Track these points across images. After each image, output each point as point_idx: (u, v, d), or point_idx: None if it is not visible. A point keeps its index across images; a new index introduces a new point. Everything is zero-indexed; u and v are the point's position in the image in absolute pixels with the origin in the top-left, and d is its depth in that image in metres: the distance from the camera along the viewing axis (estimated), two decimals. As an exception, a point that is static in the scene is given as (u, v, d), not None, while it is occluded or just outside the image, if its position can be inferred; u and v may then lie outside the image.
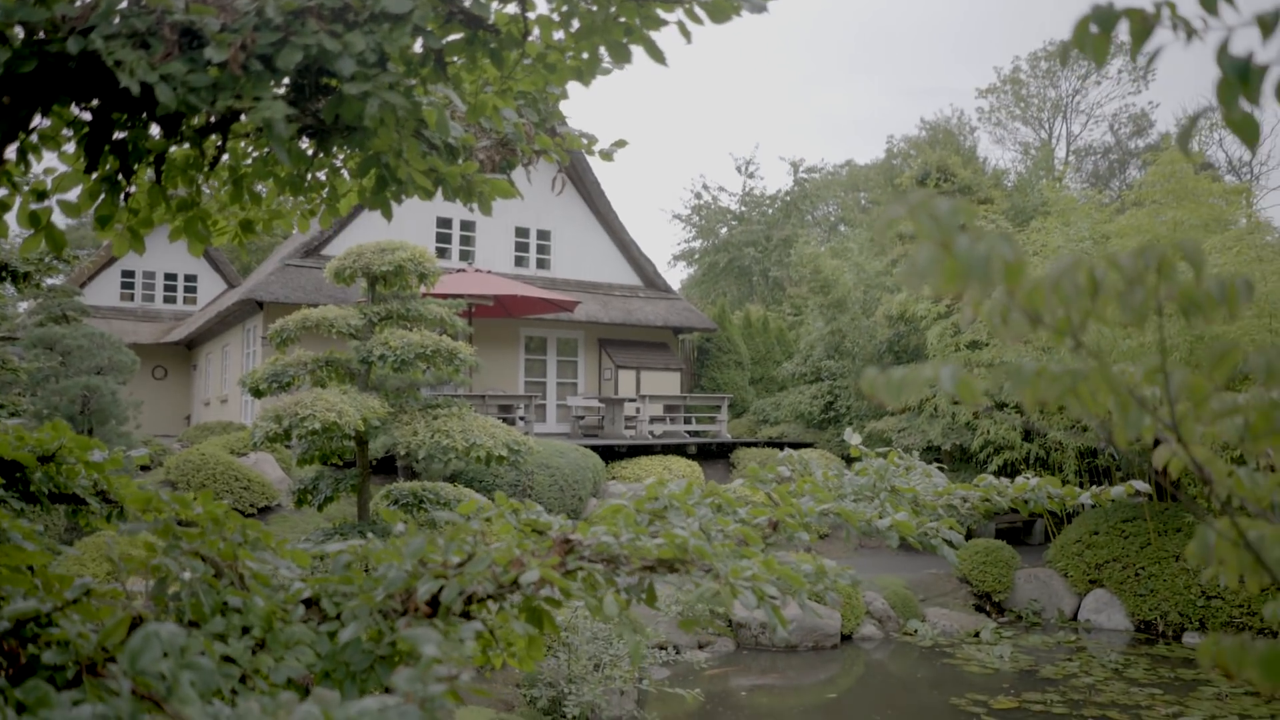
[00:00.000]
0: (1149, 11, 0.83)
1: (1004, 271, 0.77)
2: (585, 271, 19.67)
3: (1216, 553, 0.96)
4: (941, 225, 0.74)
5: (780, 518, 2.48)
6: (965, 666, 9.00)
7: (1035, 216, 14.83)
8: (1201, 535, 0.95)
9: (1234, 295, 0.85)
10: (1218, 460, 1.26)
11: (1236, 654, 0.85)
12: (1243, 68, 0.76)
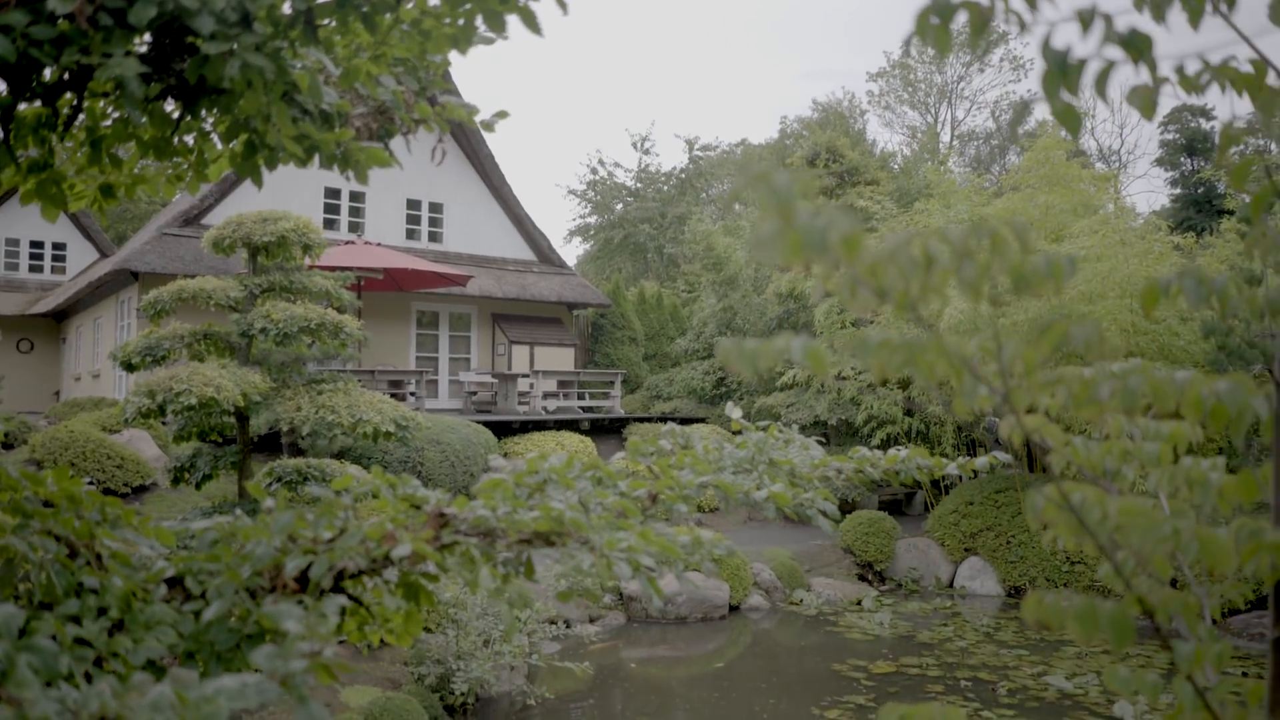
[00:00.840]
0: (984, 5, 0.86)
1: (842, 244, 0.80)
2: (479, 245, 19.42)
3: (1044, 516, 1.01)
4: (780, 198, 0.76)
5: (659, 490, 2.52)
6: (848, 634, 9.31)
7: (919, 198, 15.30)
8: (1030, 500, 1.01)
9: (1059, 271, 0.90)
10: (1055, 429, 1.33)
11: (1054, 611, 0.90)
12: (1061, 60, 0.80)
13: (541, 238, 20.25)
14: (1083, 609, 0.90)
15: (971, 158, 38.77)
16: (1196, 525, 0.89)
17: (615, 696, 7.42)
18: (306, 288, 8.02)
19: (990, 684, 7.48)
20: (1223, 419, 1.06)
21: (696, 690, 7.76)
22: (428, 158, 17.91)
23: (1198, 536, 0.88)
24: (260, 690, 1.30)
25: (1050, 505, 0.98)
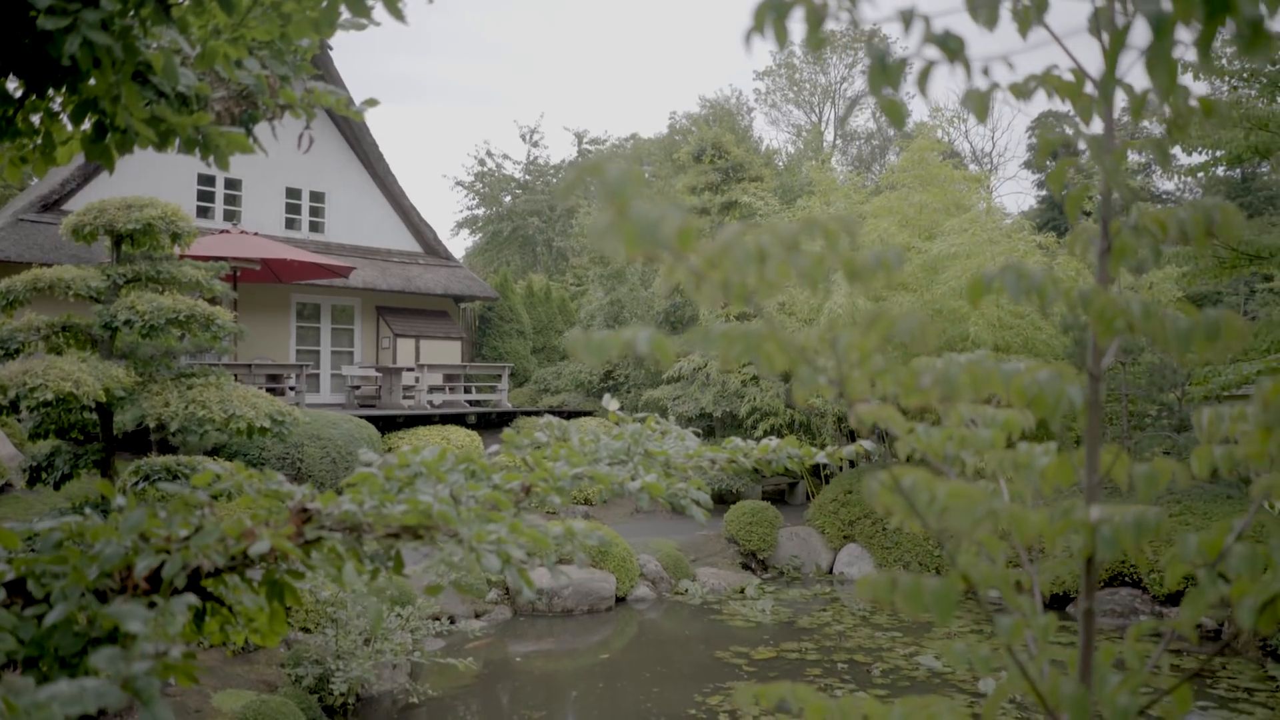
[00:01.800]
0: (818, 2, 0.90)
1: (676, 237, 0.82)
2: (362, 236, 18.96)
3: (880, 499, 1.06)
4: (614, 190, 0.78)
5: (533, 482, 2.52)
6: (731, 621, 9.49)
7: (802, 195, 15.66)
8: (867, 483, 1.06)
9: (887, 265, 0.94)
10: (897, 417, 1.39)
11: (884, 589, 0.95)
12: (882, 58, 0.84)
13: (428, 229, 19.91)
14: (909, 586, 0.95)
15: (854, 157, 39.88)
16: (1011, 505, 0.95)
17: (502, 691, 7.38)
18: (175, 278, 7.68)
19: (865, 665, 7.75)
20: (1044, 406, 1.13)
21: (583, 682, 7.78)
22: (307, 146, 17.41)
23: (1010, 515, 0.94)
24: (99, 694, 1.25)
25: (884, 489, 1.03)
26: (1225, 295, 22.09)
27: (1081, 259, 1.20)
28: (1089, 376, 1.10)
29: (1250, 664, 7.73)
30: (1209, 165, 11.29)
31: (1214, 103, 1.08)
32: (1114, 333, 1.02)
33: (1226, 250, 10.38)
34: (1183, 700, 1.02)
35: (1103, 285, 1.12)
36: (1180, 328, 0.99)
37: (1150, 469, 1.10)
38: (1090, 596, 1.09)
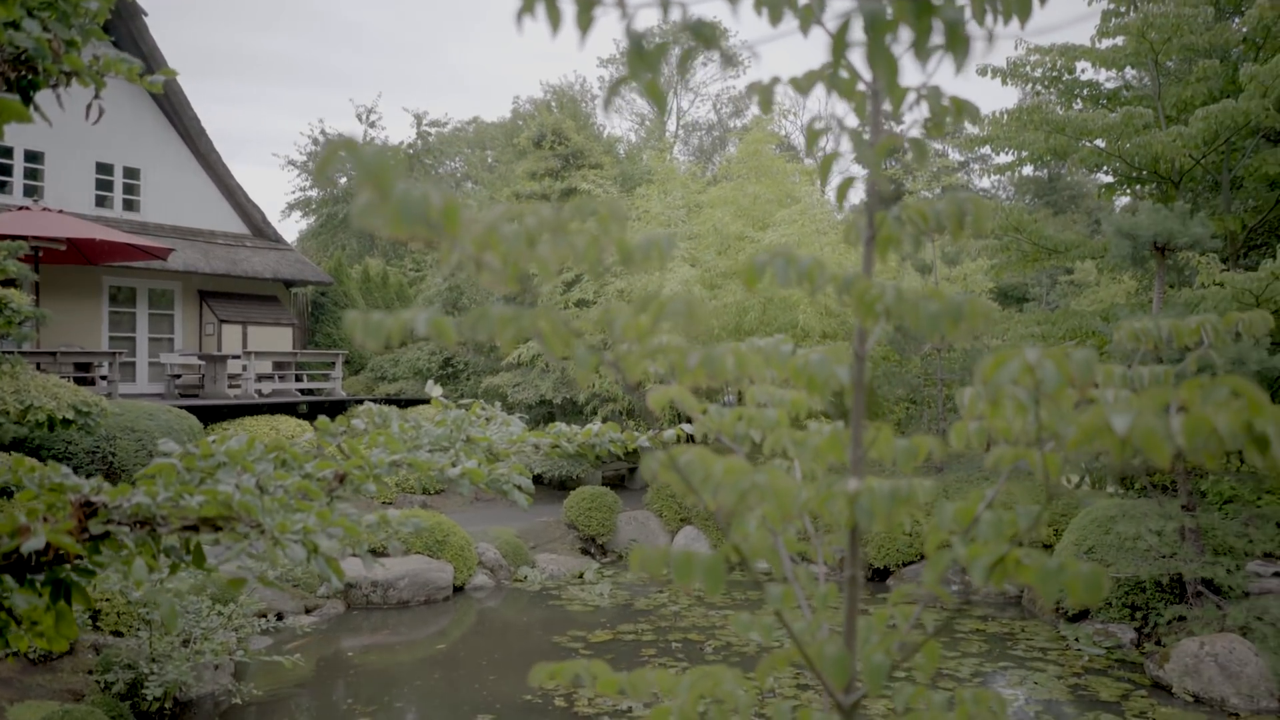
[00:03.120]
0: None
1: (443, 216, 0.82)
2: (183, 216, 17.89)
3: (660, 476, 1.09)
4: (371, 170, 0.77)
5: (348, 470, 2.46)
6: (570, 606, 9.54)
7: (642, 184, 15.84)
8: (646, 461, 1.09)
9: (659, 250, 0.97)
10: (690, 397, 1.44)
11: (656, 561, 0.98)
12: (639, 41, 0.87)
13: (256, 210, 18.99)
14: (681, 558, 0.99)
15: (695, 147, 40.61)
16: (773, 479, 1.00)
17: (335, 687, 7.18)
18: (-38, 257, 7.04)
19: (699, 644, 7.96)
20: (816, 385, 1.20)
21: (420, 673, 7.66)
22: (120, 118, 16.28)
23: (773, 489, 0.99)
24: None
25: (662, 468, 1.06)
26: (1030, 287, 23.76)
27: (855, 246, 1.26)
28: (855, 357, 1.17)
29: (1046, 626, 8.39)
30: (1015, 165, 12.10)
31: (964, 103, 1.16)
32: (875, 316, 1.09)
33: (1029, 245, 11.18)
34: (931, 655, 1.10)
35: (867, 271, 1.19)
36: (930, 311, 1.06)
37: (909, 444, 1.18)
38: (855, 564, 1.16)
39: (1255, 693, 6.05)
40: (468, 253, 0.93)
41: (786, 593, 1.13)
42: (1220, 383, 0.85)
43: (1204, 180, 11.61)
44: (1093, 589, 0.89)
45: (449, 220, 0.82)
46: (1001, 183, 47.06)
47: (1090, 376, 0.83)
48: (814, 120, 1.18)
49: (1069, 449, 0.85)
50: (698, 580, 0.99)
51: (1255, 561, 8.88)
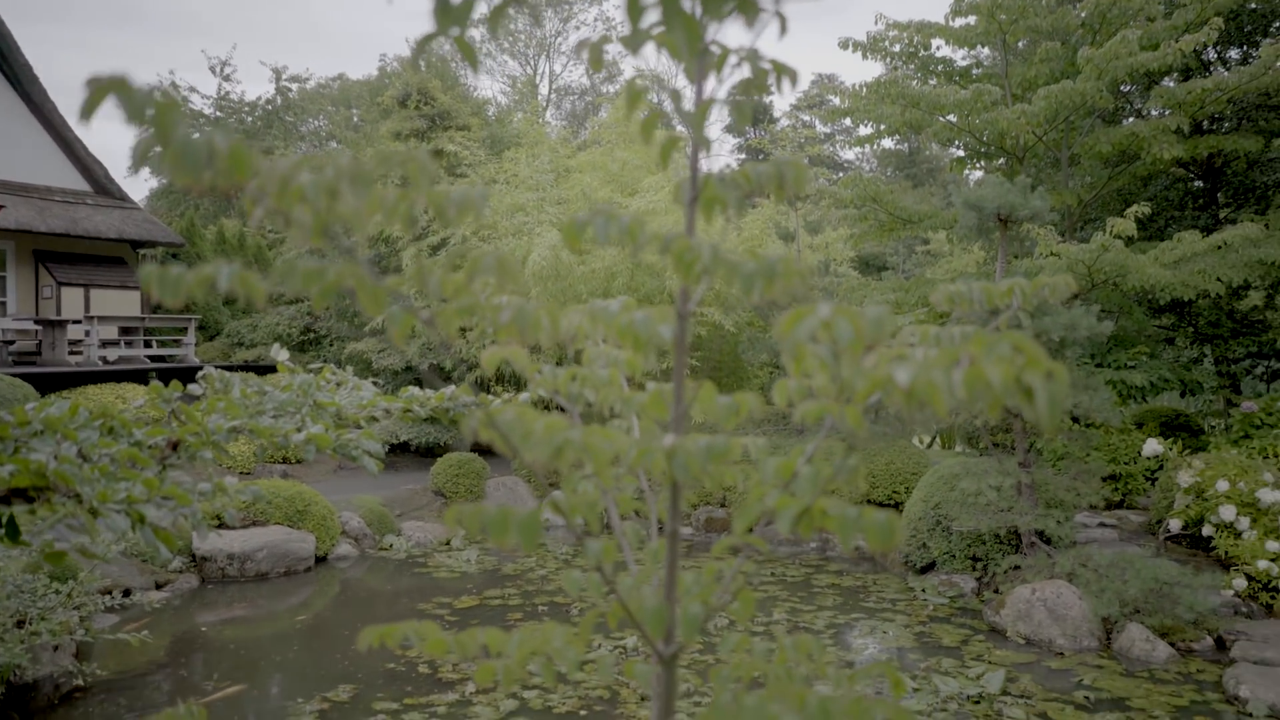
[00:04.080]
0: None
1: (229, 160, 0.78)
2: (14, 171, 16.64)
3: (480, 435, 1.09)
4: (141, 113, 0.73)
5: (182, 436, 2.35)
6: (436, 573, 9.46)
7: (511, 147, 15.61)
8: (465, 421, 1.08)
9: (472, 204, 0.96)
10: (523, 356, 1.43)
11: (473, 518, 0.98)
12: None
13: (98, 165, 17.82)
14: (495, 515, 0.99)
15: (567, 112, 40.27)
16: (586, 434, 1.01)
17: (190, 664, 6.92)
18: None
19: (565, 606, 8.02)
20: (640, 343, 1.21)
21: (280, 647, 7.46)
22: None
23: (585, 444, 1.00)
24: None
25: (481, 426, 1.06)
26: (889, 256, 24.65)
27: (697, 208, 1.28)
28: (677, 316, 1.19)
29: (896, 579, 8.82)
30: (874, 138, 12.49)
31: (784, 66, 1.18)
32: (694, 275, 1.10)
33: (886, 215, 11.59)
34: (746, 603, 1.13)
35: (690, 231, 1.21)
36: (747, 271, 1.08)
37: (731, 401, 1.20)
38: (675, 519, 1.19)
39: (1078, 633, 6.53)
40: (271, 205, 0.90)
41: (607, 548, 1.15)
42: (1004, 339, 0.91)
43: (1046, 157, 12.26)
44: (885, 535, 0.94)
45: (237, 167, 0.79)
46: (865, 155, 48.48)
47: (881, 333, 0.87)
48: (634, 79, 1.18)
49: (858, 400, 0.89)
50: (513, 537, 0.99)
51: (1082, 513, 9.54)
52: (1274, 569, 7.23)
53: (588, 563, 1.14)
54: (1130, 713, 5.30)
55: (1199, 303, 13.24)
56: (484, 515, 0.98)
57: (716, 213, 1.27)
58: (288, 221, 0.95)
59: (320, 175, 0.86)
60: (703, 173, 1.22)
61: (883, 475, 10.62)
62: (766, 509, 1.05)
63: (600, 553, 1.13)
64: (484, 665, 1.21)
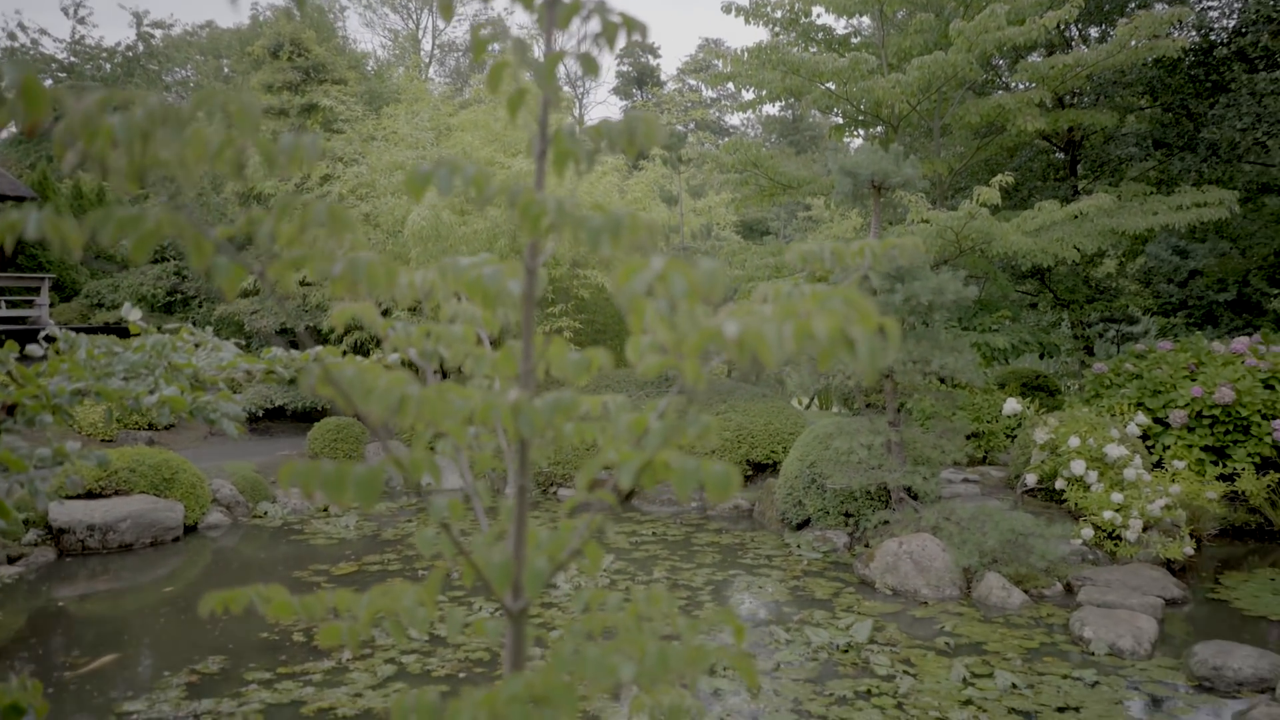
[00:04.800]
0: None
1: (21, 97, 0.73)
2: None
3: (318, 390, 1.06)
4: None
5: (19, 400, 2.22)
6: (314, 540, 9.25)
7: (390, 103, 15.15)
8: (303, 378, 1.05)
9: (301, 152, 0.93)
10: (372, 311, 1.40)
11: (308, 476, 0.96)
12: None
13: (-66, 111, 16.48)
14: (332, 472, 0.97)
15: (451, 69, 39.28)
16: (425, 391, 0.99)
17: (49, 641, 6.59)
18: None
19: (449, 571, 7.96)
20: (490, 298, 1.19)
21: (148, 619, 7.18)
22: None
23: (425, 400, 0.99)
24: None
25: (319, 381, 1.03)
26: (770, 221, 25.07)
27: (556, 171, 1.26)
28: (525, 271, 1.18)
29: (773, 536, 9.07)
30: (756, 103, 12.61)
31: (633, 20, 1.18)
32: (541, 229, 1.09)
33: (766, 180, 11.77)
34: (593, 556, 1.14)
35: (539, 184, 1.19)
36: (594, 225, 1.08)
37: (582, 357, 1.20)
38: (524, 474, 1.19)
39: (941, 583, 6.86)
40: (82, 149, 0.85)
41: (454, 505, 1.14)
42: (836, 294, 0.93)
43: (920, 126, 12.63)
44: (723, 486, 0.96)
45: (31, 102, 0.74)
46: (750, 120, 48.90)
47: (714, 287, 0.88)
48: (479, 27, 1.15)
49: (690, 352, 0.90)
50: (351, 495, 0.97)
51: (948, 470, 9.99)
52: (1118, 519, 7.73)
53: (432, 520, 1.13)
54: (986, 656, 5.61)
55: (1058, 269, 13.93)
56: (319, 472, 0.96)
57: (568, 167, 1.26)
58: (105, 169, 0.90)
59: (129, 116, 0.81)
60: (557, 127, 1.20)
61: (761, 436, 10.87)
62: (608, 462, 1.06)
63: (446, 510, 1.12)
64: (328, 627, 1.19)
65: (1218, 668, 5.22)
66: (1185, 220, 10.39)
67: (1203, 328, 14.63)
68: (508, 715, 0.90)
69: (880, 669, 5.33)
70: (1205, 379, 9.71)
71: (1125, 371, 10.44)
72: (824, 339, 0.83)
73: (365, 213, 12.51)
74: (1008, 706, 4.79)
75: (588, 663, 0.98)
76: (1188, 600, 6.84)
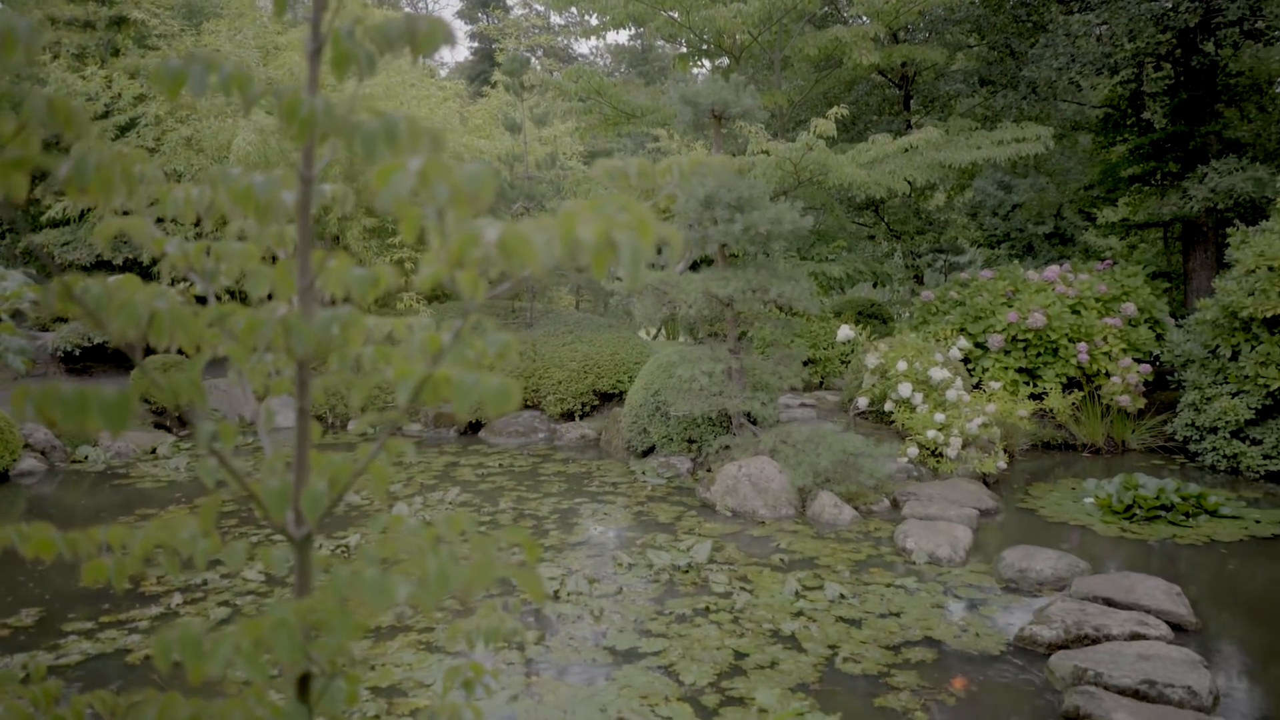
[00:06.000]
0: None
1: None
2: None
3: (58, 309, 0.97)
4: None
5: None
6: (141, 484, 8.79)
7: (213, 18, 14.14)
8: (45, 293, 0.96)
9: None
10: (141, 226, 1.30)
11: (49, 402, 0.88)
12: None
13: None
14: (74, 397, 0.89)
15: (280, -17, 36.96)
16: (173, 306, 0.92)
17: None
18: None
19: (285, 510, 7.72)
20: (262, 210, 1.12)
21: (-55, 575, 6.67)
22: None
23: (173, 315, 0.92)
24: None
25: (59, 297, 0.94)
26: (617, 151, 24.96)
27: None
28: (301, 181, 1.11)
29: (619, 463, 9.21)
30: (601, 29, 12.42)
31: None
32: (308, 133, 1.02)
33: (610, 109, 11.66)
34: (379, 479, 1.11)
35: (312, 87, 1.12)
36: (368, 130, 1.02)
37: (367, 273, 1.15)
38: (304, 398, 1.13)
39: (778, 503, 7.15)
40: None
41: (225, 429, 1.08)
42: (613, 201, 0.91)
43: (762, 58, 12.75)
44: (502, 399, 0.94)
45: None
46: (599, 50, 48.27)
47: (481, 190, 0.85)
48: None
49: (454, 259, 0.86)
50: (98, 421, 0.90)
51: (786, 395, 10.35)
52: (940, 437, 8.22)
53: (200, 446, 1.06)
54: (817, 570, 5.89)
55: (891, 201, 14.48)
56: (58, 396, 0.88)
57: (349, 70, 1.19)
58: None
59: None
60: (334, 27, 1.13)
61: (608, 366, 10.96)
62: (385, 380, 1.02)
63: (215, 435, 1.05)
64: (92, 564, 1.11)
65: (1023, 570, 5.66)
66: (1006, 155, 10.95)
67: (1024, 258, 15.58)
68: (274, 641, 0.86)
69: (718, 587, 5.53)
70: (1020, 305, 10.36)
71: (950, 299, 11.02)
72: (590, 243, 0.81)
73: (186, 136, 11.70)
74: (836, 615, 5.05)
75: (365, 585, 0.95)
76: (1000, 510, 7.37)
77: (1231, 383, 8.75)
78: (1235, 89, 12.84)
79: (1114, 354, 10.06)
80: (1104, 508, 7.21)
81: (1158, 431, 9.84)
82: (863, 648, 4.62)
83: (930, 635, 4.80)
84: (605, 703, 3.99)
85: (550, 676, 4.31)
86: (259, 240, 1.31)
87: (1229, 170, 11.10)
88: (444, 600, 1.00)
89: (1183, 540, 6.55)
